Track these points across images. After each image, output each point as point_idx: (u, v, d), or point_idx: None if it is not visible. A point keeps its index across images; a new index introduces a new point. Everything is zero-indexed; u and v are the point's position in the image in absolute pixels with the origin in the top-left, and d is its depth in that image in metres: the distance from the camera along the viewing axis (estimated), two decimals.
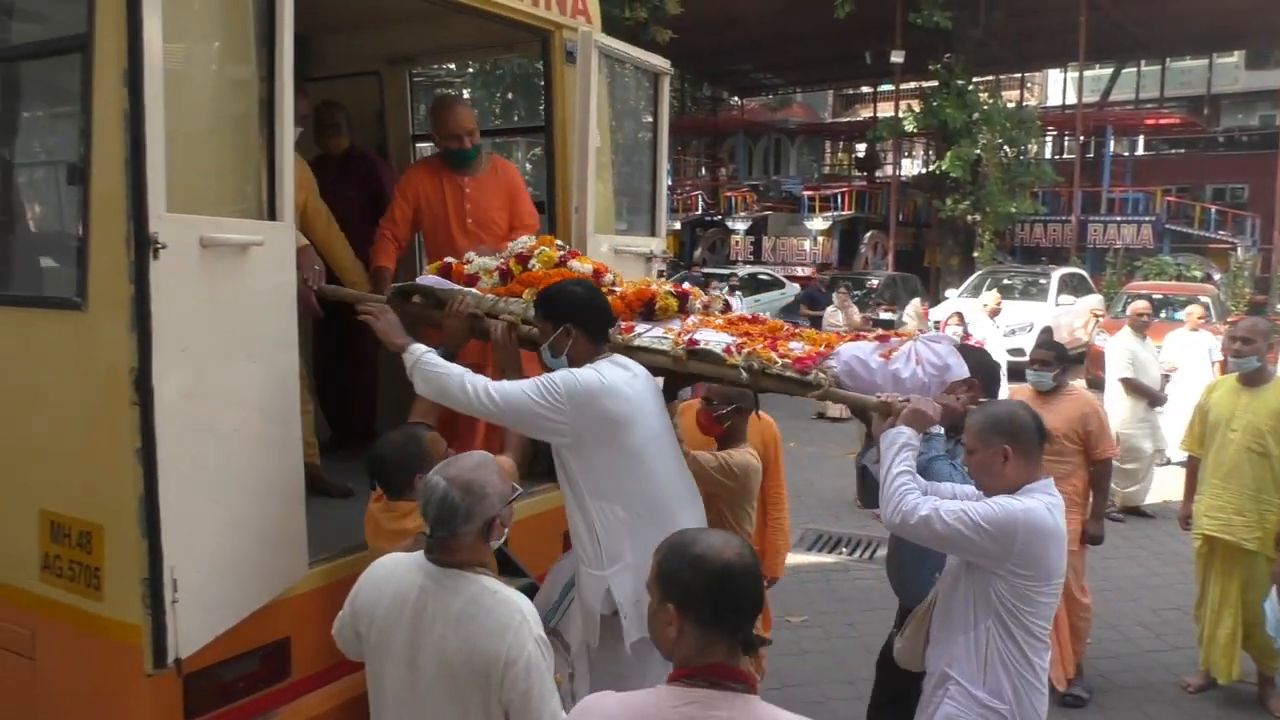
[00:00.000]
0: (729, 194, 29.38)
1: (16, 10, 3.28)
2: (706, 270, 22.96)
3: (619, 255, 4.52)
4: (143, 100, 2.32)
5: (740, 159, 32.79)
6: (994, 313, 10.83)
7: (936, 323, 9.94)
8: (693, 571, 1.82)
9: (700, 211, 29.30)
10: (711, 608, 1.80)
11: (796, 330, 3.54)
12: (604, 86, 4.44)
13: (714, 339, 3.31)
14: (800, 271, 24.64)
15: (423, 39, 5.12)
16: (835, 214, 27.10)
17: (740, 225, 27.00)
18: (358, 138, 5.06)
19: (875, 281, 20.12)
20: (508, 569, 3.12)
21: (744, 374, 3.21)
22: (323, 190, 4.78)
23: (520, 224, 4.41)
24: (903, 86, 25.71)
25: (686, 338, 3.35)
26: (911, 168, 32.29)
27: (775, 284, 21.52)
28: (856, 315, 13.84)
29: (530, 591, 3.39)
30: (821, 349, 3.22)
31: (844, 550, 7.53)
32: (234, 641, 2.96)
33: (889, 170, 28.47)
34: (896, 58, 22.73)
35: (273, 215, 2.92)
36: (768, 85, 36.10)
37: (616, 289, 3.63)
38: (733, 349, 3.24)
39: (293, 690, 3.16)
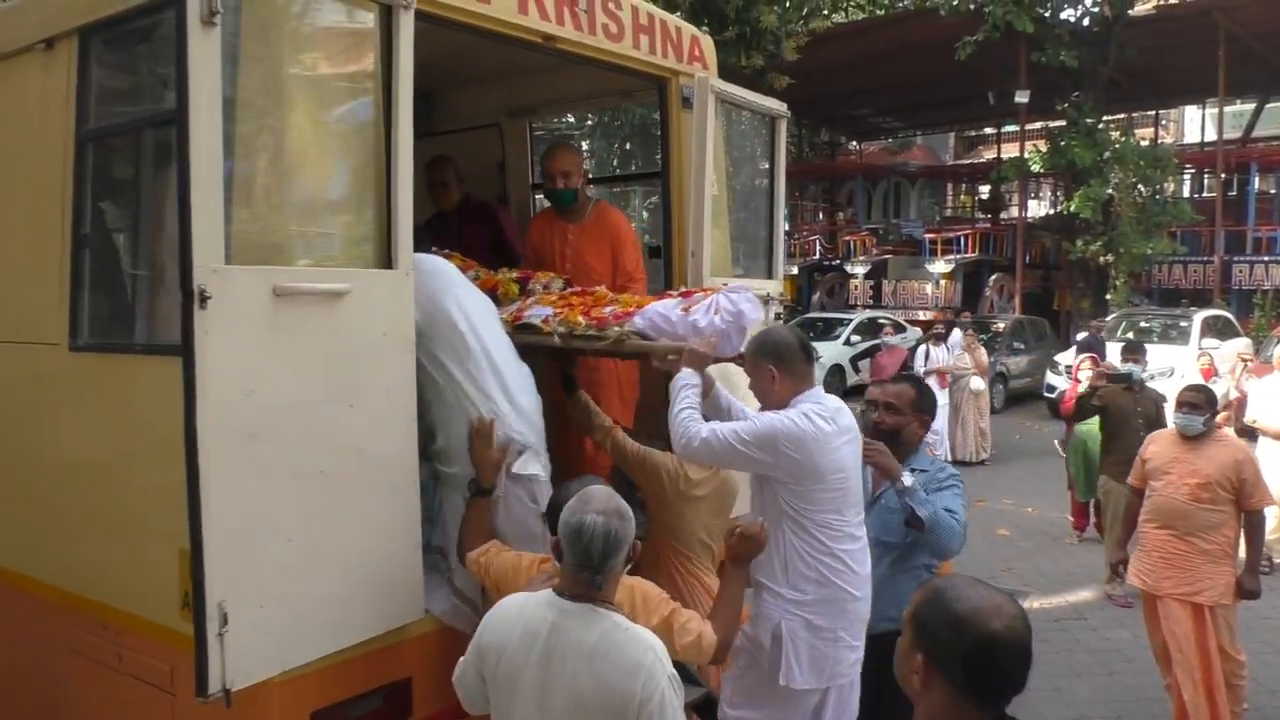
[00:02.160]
0: (847, 237, 29.03)
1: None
2: (825, 315, 22.71)
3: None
4: (189, 163, 2.44)
5: (859, 203, 32.43)
6: None
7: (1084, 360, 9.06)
8: (953, 632, 1.66)
9: (818, 256, 29.03)
10: (966, 676, 1.65)
11: (617, 298, 3.88)
12: (720, 131, 4.46)
13: (539, 313, 3.75)
14: (922, 315, 24.07)
15: (542, 90, 5.25)
16: (958, 256, 26.41)
17: (859, 269, 26.61)
18: (482, 188, 5.21)
19: (1001, 325, 19.48)
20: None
21: (556, 339, 3.61)
22: (445, 243, 4.93)
23: (622, 274, 4.46)
24: (1028, 126, 25.09)
25: (518, 314, 3.80)
26: (1038, 209, 31.32)
27: (898, 328, 21.05)
28: (984, 356, 13.34)
29: (707, 704, 3.42)
30: (630, 309, 3.61)
31: None
32: (359, 680, 3.02)
33: (1014, 212, 27.69)
34: (1021, 98, 22.14)
35: (389, 264, 3.02)
36: (887, 129, 35.71)
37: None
38: (550, 319, 3.66)
39: None
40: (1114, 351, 9.65)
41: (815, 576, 3.13)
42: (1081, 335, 16.92)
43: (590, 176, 4.85)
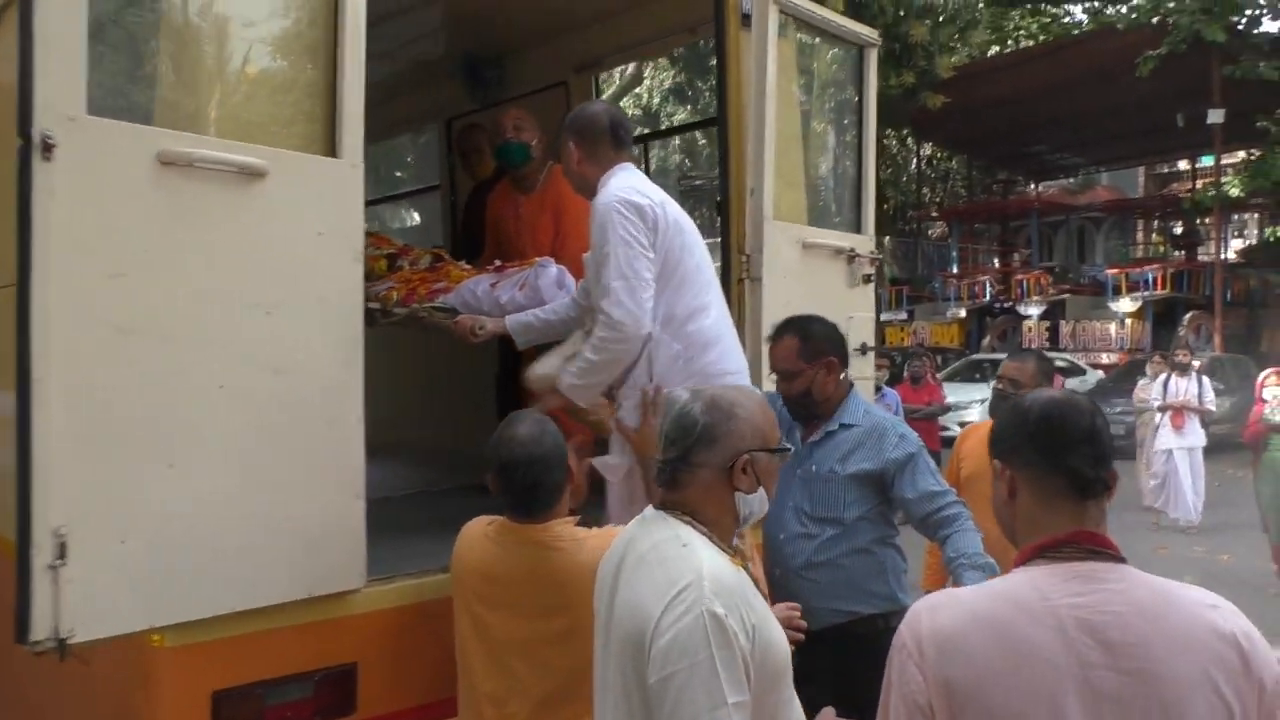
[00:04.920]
0: (1020, 277, 27.12)
1: None
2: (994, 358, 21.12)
3: (808, 250, 3.80)
4: None
5: (1035, 244, 30.40)
6: None
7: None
8: (1018, 418, 1.61)
9: (989, 298, 27.29)
10: (1038, 449, 1.55)
11: (456, 274, 3.66)
12: (791, 55, 3.83)
13: (376, 289, 3.54)
14: (1105, 359, 22.07)
15: (607, 39, 4.84)
16: (1146, 294, 24.13)
17: (1033, 310, 24.77)
18: (551, 150, 4.75)
19: (1197, 363, 17.44)
20: None
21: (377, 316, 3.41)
22: (495, 214, 4.49)
23: (560, 246, 3.85)
24: (1226, 160, 22.71)
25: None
26: (1241, 246, 28.46)
27: (1075, 370, 19.35)
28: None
29: None
30: (452, 288, 3.52)
31: None
32: (280, 659, 2.46)
33: (1212, 248, 25.20)
34: (1214, 118, 20.06)
35: (332, 152, 2.52)
36: (1066, 166, 33.51)
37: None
38: (377, 296, 3.47)
39: None
40: None
41: (681, 360, 2.78)
42: None
43: (645, 131, 4.29)
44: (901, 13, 14.01)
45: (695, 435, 1.79)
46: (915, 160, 31.11)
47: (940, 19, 14.75)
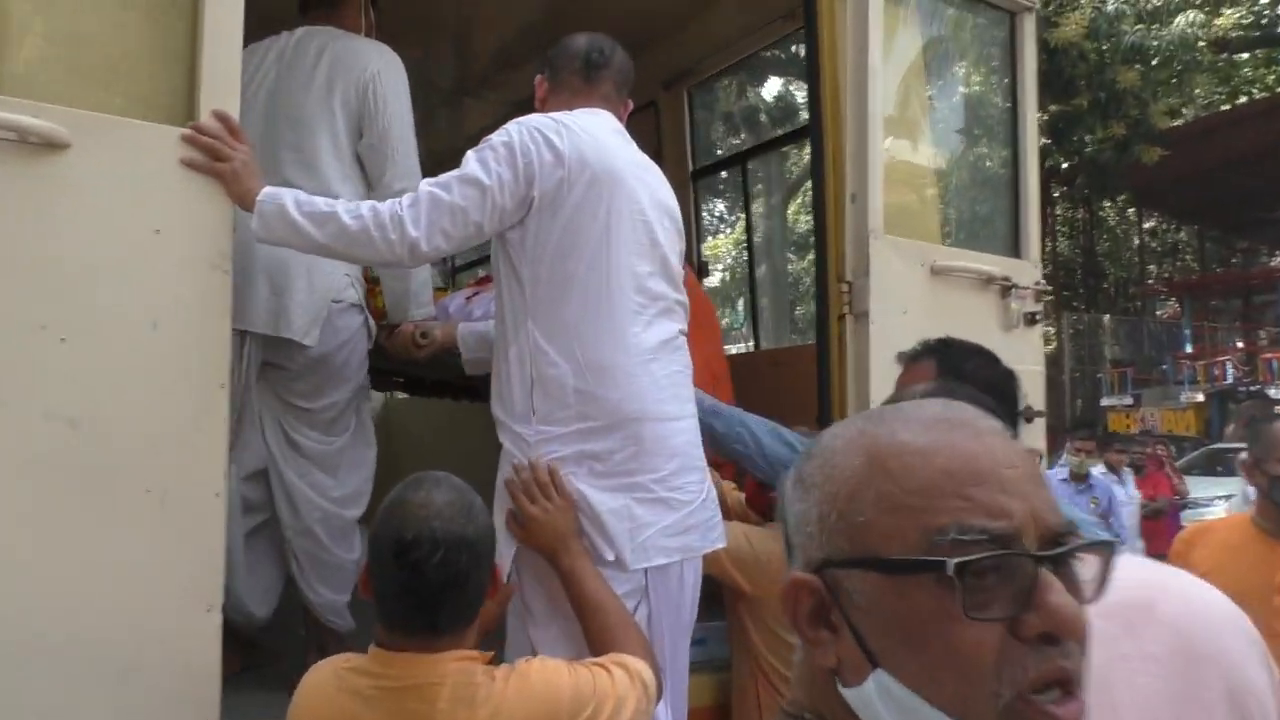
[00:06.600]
0: (1268, 356, 23.84)
1: None
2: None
3: (940, 277, 2.80)
4: None
5: None
6: None
7: None
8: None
9: (1230, 381, 24.11)
10: None
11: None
12: (911, 23, 2.91)
13: None
14: None
15: (697, 45, 4.08)
16: None
17: None
18: None
19: None
20: None
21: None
22: None
23: None
24: None
25: None
26: None
27: None
28: None
29: None
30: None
31: None
32: None
33: None
34: None
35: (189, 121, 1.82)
36: None
37: None
38: None
39: None
40: None
41: (572, 391, 1.89)
42: None
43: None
44: (1107, 59, 12.53)
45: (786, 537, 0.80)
46: (1138, 233, 28.51)
47: (1154, 62, 13.10)
